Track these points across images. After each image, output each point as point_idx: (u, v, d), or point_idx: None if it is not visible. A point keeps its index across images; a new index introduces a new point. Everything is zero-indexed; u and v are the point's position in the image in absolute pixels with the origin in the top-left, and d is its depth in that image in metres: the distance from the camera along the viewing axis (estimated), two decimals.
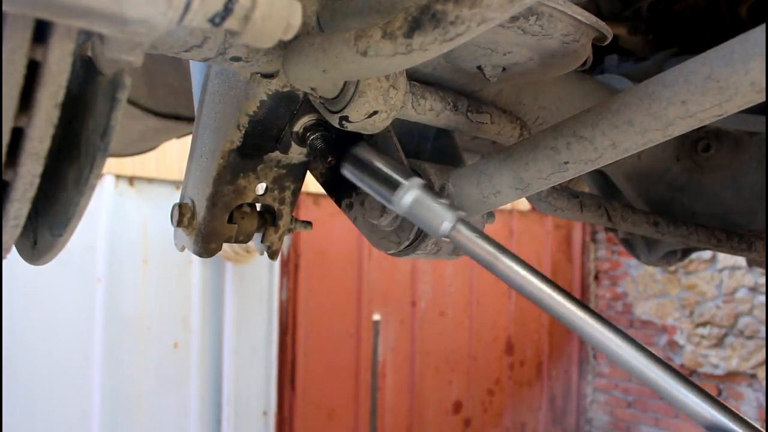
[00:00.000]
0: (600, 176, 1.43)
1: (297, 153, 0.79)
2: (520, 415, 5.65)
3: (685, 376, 0.58)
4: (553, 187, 0.95)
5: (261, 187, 0.82)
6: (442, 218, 0.65)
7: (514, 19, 0.62)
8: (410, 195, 0.66)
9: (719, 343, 5.13)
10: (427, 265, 4.86)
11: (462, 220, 0.65)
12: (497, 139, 0.84)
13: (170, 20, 0.37)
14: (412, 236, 0.76)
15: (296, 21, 0.42)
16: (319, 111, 0.69)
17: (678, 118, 0.57)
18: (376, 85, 0.63)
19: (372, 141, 0.81)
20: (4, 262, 0.57)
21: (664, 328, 5.46)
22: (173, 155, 3.55)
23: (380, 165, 0.70)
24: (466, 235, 0.64)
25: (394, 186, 0.67)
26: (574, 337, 6.03)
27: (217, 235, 0.80)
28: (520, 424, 5.65)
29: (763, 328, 4.89)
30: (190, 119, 1.91)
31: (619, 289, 5.82)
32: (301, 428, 4.20)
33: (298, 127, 0.74)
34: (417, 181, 0.67)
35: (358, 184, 0.72)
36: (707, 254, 5.12)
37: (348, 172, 0.72)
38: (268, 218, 0.85)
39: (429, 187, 0.67)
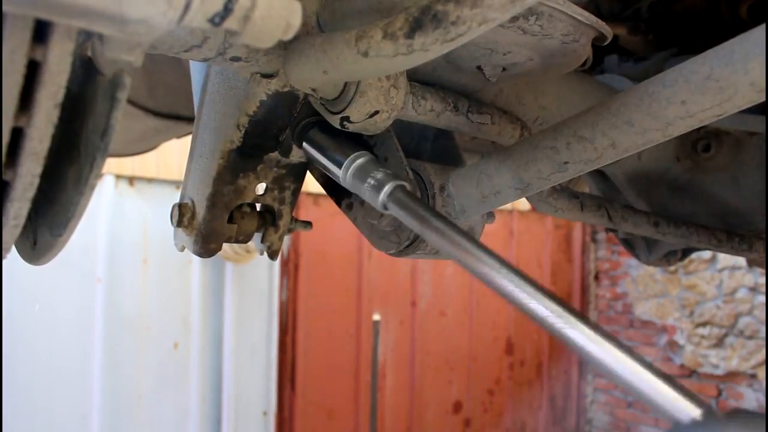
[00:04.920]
0: (600, 176, 1.43)
1: (297, 154, 0.79)
2: (520, 415, 5.65)
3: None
4: (553, 187, 0.95)
5: (261, 187, 0.82)
6: (380, 187, 0.65)
7: (514, 19, 0.62)
8: (353, 168, 0.68)
9: (719, 343, 5.13)
10: (427, 265, 4.86)
11: (400, 187, 0.65)
12: (497, 139, 0.84)
13: (170, 20, 0.37)
14: (412, 236, 0.76)
15: (296, 21, 0.42)
16: (320, 112, 0.69)
17: (678, 118, 0.57)
18: (377, 85, 0.63)
19: (372, 141, 0.81)
20: (4, 262, 0.57)
21: (664, 328, 5.46)
22: (173, 155, 3.55)
23: (335, 145, 0.71)
24: (403, 202, 0.64)
25: (343, 160, 0.69)
26: None
27: (217, 235, 0.80)
28: (520, 424, 5.65)
29: (763, 328, 4.88)
30: (190, 119, 1.91)
31: (619, 289, 5.81)
32: (301, 428, 4.20)
33: (297, 129, 0.74)
34: (361, 154, 0.69)
35: (317, 164, 0.74)
36: (707, 254, 5.12)
37: (308, 153, 0.74)
38: (267, 218, 0.85)
39: (373, 161, 0.69)
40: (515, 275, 0.55)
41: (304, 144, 0.73)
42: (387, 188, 0.65)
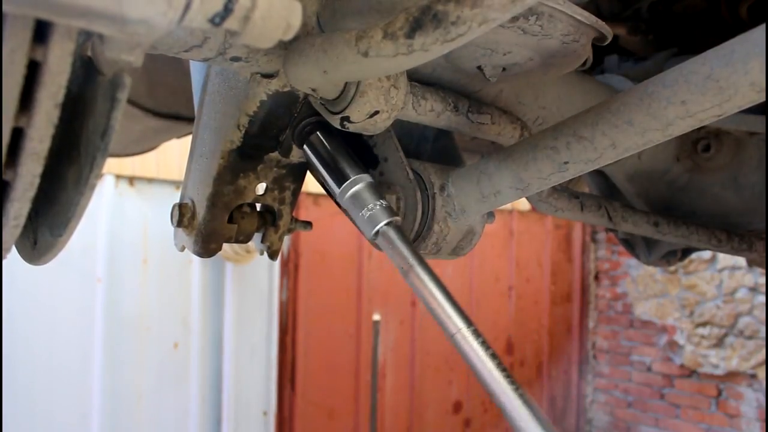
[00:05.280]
0: (600, 176, 1.43)
1: (297, 154, 0.79)
2: None
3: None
4: (553, 187, 0.95)
5: (261, 187, 0.82)
6: (372, 222, 0.67)
7: (514, 19, 0.62)
8: (351, 192, 0.69)
9: (719, 343, 5.13)
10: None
11: (392, 224, 0.67)
12: (497, 139, 0.84)
13: (170, 20, 0.37)
14: (411, 236, 0.76)
15: (296, 21, 0.42)
16: (320, 112, 0.69)
17: (678, 118, 0.57)
18: (377, 84, 0.63)
19: (372, 141, 0.81)
20: (4, 262, 0.57)
21: (664, 328, 5.45)
22: (173, 155, 3.55)
23: (336, 157, 0.72)
24: (391, 240, 0.66)
25: (342, 179, 0.70)
26: (574, 338, 6.03)
27: (217, 235, 0.80)
28: None
29: (763, 328, 4.88)
30: (190, 119, 1.91)
31: (619, 289, 5.81)
32: (301, 428, 4.20)
33: (298, 130, 0.74)
34: (360, 178, 0.69)
35: (316, 171, 0.74)
36: (707, 254, 5.12)
37: (307, 157, 0.75)
38: (268, 218, 0.85)
39: (371, 187, 0.69)
40: (477, 343, 0.59)
41: (305, 147, 0.74)
42: (379, 225, 0.67)
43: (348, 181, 0.70)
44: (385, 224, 0.67)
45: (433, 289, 0.62)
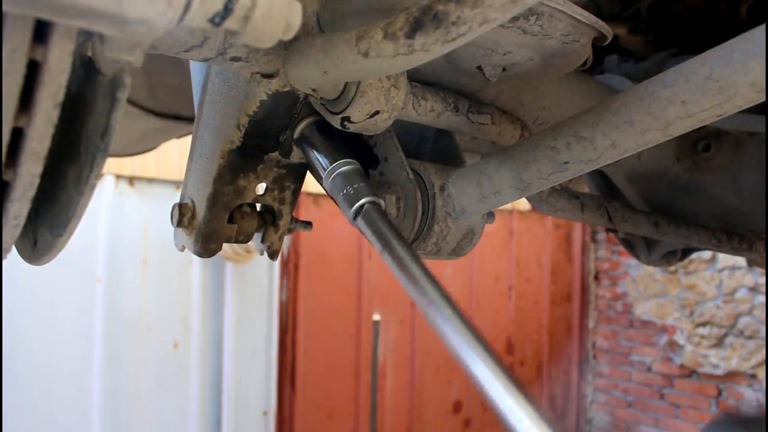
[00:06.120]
0: (600, 176, 1.43)
1: (297, 154, 0.79)
2: None
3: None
4: (553, 187, 0.95)
5: (261, 187, 0.82)
6: (354, 199, 0.66)
7: (514, 19, 0.62)
8: (336, 174, 0.69)
9: (719, 343, 5.13)
10: (428, 265, 4.85)
11: (373, 203, 0.65)
12: (498, 140, 0.84)
13: (170, 20, 0.37)
14: (411, 236, 0.76)
15: (296, 21, 0.42)
16: (320, 112, 0.69)
17: (678, 118, 0.57)
18: (377, 85, 0.63)
19: (372, 141, 0.81)
20: (4, 262, 0.57)
21: (664, 328, 5.45)
22: (173, 155, 3.55)
23: (325, 145, 0.72)
24: (371, 218, 0.64)
25: (329, 165, 0.70)
26: (574, 338, 6.03)
27: (217, 235, 0.80)
28: None
29: (763, 328, 4.88)
30: (190, 119, 1.91)
31: (619, 289, 5.81)
32: (301, 428, 4.20)
33: (298, 131, 0.74)
34: (347, 162, 0.69)
35: (307, 159, 0.74)
36: (707, 254, 5.12)
37: (300, 147, 0.75)
38: (268, 218, 0.85)
39: (357, 171, 0.69)
40: (457, 319, 0.54)
41: (296, 137, 0.74)
42: (360, 202, 0.66)
43: (335, 164, 0.70)
44: (365, 202, 0.66)
45: (414, 269, 0.59)
